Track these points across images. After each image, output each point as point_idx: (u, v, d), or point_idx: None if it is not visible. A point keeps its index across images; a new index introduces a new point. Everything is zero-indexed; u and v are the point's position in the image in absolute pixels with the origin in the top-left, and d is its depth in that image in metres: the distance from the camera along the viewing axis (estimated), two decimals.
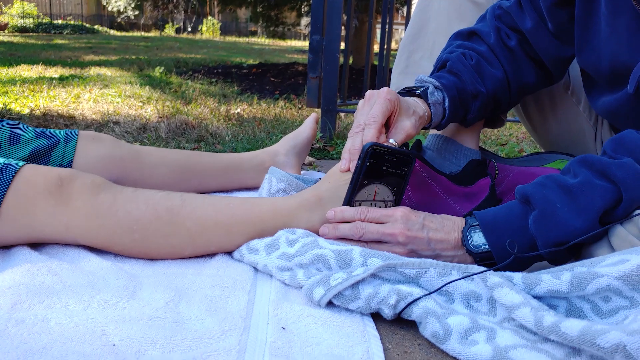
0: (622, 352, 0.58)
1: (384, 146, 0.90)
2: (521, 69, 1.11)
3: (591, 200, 0.77)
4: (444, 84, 1.04)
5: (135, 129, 2.16)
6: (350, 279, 0.77)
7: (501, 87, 1.10)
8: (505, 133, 2.77)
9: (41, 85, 3.23)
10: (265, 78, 5.12)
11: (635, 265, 0.66)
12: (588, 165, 0.80)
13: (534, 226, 0.80)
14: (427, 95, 1.03)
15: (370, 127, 0.92)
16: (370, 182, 0.92)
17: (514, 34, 1.10)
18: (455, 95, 1.04)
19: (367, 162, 0.90)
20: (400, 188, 0.96)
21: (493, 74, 1.08)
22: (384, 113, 0.93)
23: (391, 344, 0.73)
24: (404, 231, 0.87)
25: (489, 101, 1.10)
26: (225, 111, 2.80)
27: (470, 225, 0.87)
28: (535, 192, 0.81)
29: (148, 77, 4.31)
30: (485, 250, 0.84)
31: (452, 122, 1.10)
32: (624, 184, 0.76)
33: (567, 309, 0.73)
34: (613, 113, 1.01)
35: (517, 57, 1.10)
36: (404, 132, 0.97)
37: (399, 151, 0.93)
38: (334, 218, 0.92)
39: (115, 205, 0.89)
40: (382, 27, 2.52)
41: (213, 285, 0.83)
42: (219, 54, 8.54)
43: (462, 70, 1.06)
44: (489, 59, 1.09)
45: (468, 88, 1.06)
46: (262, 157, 1.35)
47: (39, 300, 0.74)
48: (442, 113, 1.06)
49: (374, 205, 0.95)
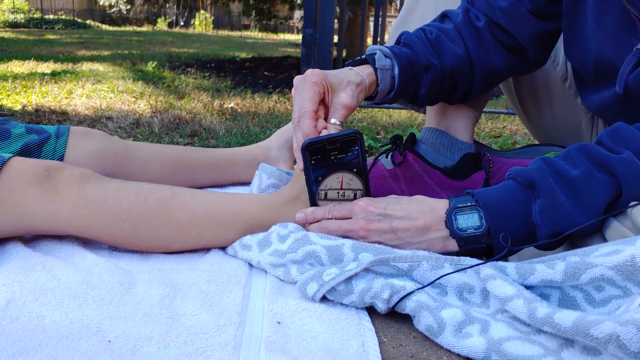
0: (616, 342, 0.59)
1: (321, 138, 0.88)
2: (487, 52, 1.07)
3: (595, 196, 0.76)
4: (395, 52, 1.01)
5: (129, 124, 2.15)
6: (343, 274, 0.77)
7: (461, 66, 1.06)
8: (499, 125, 2.77)
9: (33, 81, 3.21)
10: (258, 72, 5.10)
11: (629, 255, 0.67)
12: (588, 155, 0.79)
13: (540, 215, 0.79)
14: (374, 60, 0.99)
15: (303, 118, 0.90)
16: (325, 175, 0.91)
17: (483, 17, 1.07)
18: (406, 65, 1.01)
19: (311, 161, 0.89)
20: (360, 168, 0.93)
21: (452, 50, 1.05)
22: (312, 99, 0.90)
23: (386, 337, 0.73)
24: (364, 225, 0.87)
25: (444, 78, 1.06)
26: (219, 105, 2.79)
27: (456, 207, 0.84)
28: (542, 179, 0.79)
29: (141, 72, 4.29)
30: (472, 234, 0.82)
31: (403, 97, 1.06)
32: (624, 181, 0.76)
33: (560, 298, 0.73)
34: (604, 111, 1.01)
35: (484, 38, 1.07)
36: (342, 106, 0.93)
37: (339, 135, 0.89)
38: (305, 220, 0.93)
39: (104, 195, 0.89)
40: (375, 20, 2.52)
41: (208, 280, 0.83)
42: (211, 48, 8.51)
43: (416, 42, 1.03)
44: (451, 36, 1.06)
45: (420, 60, 1.02)
46: (255, 152, 1.34)
47: (34, 298, 0.74)
48: (391, 82, 1.02)
49: (342, 194, 0.94)
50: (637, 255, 0.66)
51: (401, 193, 1.12)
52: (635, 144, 0.77)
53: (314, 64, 2.24)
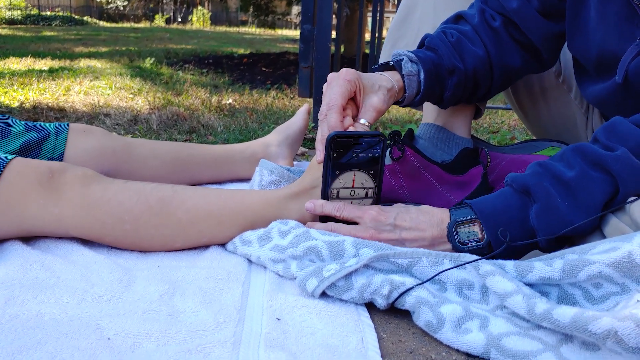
0: (614, 337, 0.59)
1: (347, 133, 0.89)
2: (504, 51, 1.08)
3: (591, 195, 0.77)
4: (420, 57, 1.02)
5: (126, 121, 2.15)
6: (343, 270, 0.77)
7: (482, 67, 1.07)
8: (497, 120, 2.77)
9: (31, 78, 3.20)
10: (256, 68, 5.09)
11: (626, 252, 0.67)
12: (583, 155, 0.79)
13: (536, 220, 0.79)
14: (401, 66, 1.00)
15: (331, 112, 0.90)
16: (343, 170, 0.91)
17: (498, 16, 1.08)
18: (431, 69, 1.02)
19: (333, 153, 0.89)
20: (377, 171, 0.94)
21: (474, 52, 1.06)
22: (343, 94, 0.91)
23: (385, 333, 0.73)
24: (374, 234, 0.87)
25: (467, 80, 1.07)
26: (217, 102, 2.79)
27: (457, 221, 0.85)
28: (536, 184, 0.80)
29: (138, 68, 4.28)
30: (473, 248, 0.83)
31: (428, 100, 1.07)
32: (620, 178, 0.76)
33: (559, 296, 0.73)
34: (603, 102, 1.01)
35: (501, 38, 1.08)
36: (373, 109, 0.95)
37: (365, 134, 0.90)
38: (314, 210, 0.93)
39: (107, 196, 0.89)
40: (373, 16, 2.51)
41: (207, 277, 0.83)
42: (209, 44, 8.49)
43: (440, 46, 1.04)
44: (471, 38, 1.07)
45: (445, 63, 1.03)
46: (254, 149, 1.34)
47: (33, 295, 0.74)
48: (417, 87, 1.03)
49: (353, 193, 0.94)
50: (634, 252, 0.66)
51: (400, 188, 1.12)
52: (631, 140, 0.78)
53: (312, 60, 2.23)
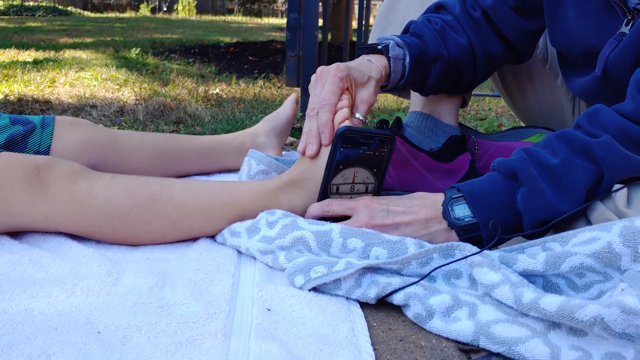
0: (601, 324, 0.60)
1: (357, 129, 0.89)
2: (486, 40, 1.10)
3: (575, 181, 0.77)
4: (407, 42, 1.03)
5: (113, 112, 2.13)
6: (330, 275, 0.76)
7: (465, 55, 1.08)
8: (484, 107, 2.78)
9: (15, 70, 3.16)
10: (243, 57, 5.06)
11: (605, 242, 0.68)
12: (567, 142, 0.80)
13: (523, 204, 0.80)
14: (388, 49, 1.02)
15: (323, 110, 0.91)
16: (346, 165, 0.91)
17: (478, 7, 1.10)
18: (416, 54, 1.03)
19: (340, 148, 0.89)
20: (380, 169, 0.94)
21: (457, 41, 1.07)
22: (336, 93, 0.92)
23: (375, 322, 0.74)
24: (368, 221, 0.87)
25: (451, 68, 1.08)
26: (204, 92, 2.77)
27: (451, 198, 0.85)
28: (523, 169, 0.80)
29: (124, 59, 4.24)
30: (469, 223, 0.83)
31: (411, 86, 1.09)
32: (606, 164, 0.76)
33: (544, 285, 0.74)
34: (586, 94, 1.02)
35: (482, 28, 1.10)
36: (365, 102, 0.97)
37: (376, 133, 0.91)
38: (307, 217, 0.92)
39: (94, 193, 0.88)
40: (360, 3, 2.51)
41: (197, 269, 0.83)
42: (195, 33, 8.42)
43: (425, 32, 1.05)
44: (454, 27, 1.09)
45: (429, 50, 1.04)
46: (242, 139, 1.34)
47: (21, 290, 0.73)
48: (402, 71, 1.04)
49: (353, 188, 0.94)
50: (613, 242, 0.68)
51: (388, 177, 1.12)
52: (611, 127, 0.78)
53: (299, 49, 2.22)
